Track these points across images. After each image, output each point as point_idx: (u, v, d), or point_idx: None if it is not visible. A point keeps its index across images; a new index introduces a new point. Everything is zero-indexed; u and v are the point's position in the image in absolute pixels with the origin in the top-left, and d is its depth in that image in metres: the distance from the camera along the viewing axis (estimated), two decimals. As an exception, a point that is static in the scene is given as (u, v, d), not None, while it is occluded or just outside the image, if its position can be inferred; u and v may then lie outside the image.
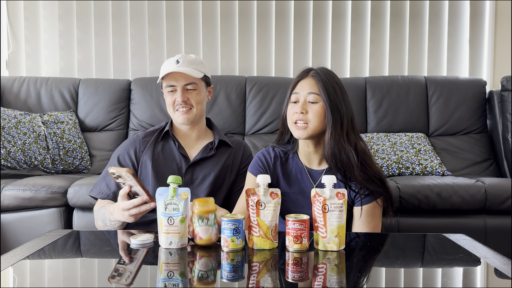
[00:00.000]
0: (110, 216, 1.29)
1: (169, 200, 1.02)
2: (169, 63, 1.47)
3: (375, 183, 1.25)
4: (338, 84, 1.27)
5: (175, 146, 1.49)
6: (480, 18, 2.80)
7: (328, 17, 2.83)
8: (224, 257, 0.97)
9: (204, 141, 1.54)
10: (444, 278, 0.89)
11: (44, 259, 0.99)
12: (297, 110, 1.24)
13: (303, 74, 1.30)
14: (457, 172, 2.38)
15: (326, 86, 1.24)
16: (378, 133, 2.45)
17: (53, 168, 2.31)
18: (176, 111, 1.47)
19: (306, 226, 1.00)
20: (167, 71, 1.44)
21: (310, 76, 1.27)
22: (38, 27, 2.82)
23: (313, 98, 1.24)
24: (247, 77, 2.63)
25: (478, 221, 1.90)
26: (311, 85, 1.25)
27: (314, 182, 1.30)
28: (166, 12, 2.82)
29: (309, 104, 1.24)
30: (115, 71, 2.84)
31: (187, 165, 1.46)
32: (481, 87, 2.59)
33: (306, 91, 1.25)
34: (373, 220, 1.27)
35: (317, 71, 1.28)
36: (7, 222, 1.89)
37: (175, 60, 1.45)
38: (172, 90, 1.46)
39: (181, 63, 1.44)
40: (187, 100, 1.45)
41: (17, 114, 2.36)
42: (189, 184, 1.45)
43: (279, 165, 1.33)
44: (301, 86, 1.27)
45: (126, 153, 1.49)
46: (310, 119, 1.23)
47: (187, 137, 1.53)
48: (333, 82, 1.26)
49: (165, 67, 1.48)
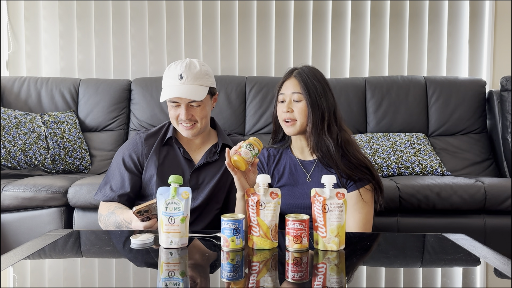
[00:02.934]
0: (128, 225, 1.31)
1: (170, 199, 1.02)
2: (172, 76, 1.39)
3: (361, 170, 1.33)
4: (320, 80, 1.37)
5: (180, 152, 1.49)
6: (480, 18, 2.80)
7: (328, 17, 2.83)
8: (224, 257, 0.97)
9: (208, 144, 1.53)
10: (443, 278, 0.89)
11: (44, 259, 0.99)
12: (284, 109, 1.36)
13: (287, 74, 1.40)
14: (456, 172, 2.38)
15: (307, 84, 1.34)
16: (378, 133, 2.45)
17: (54, 168, 2.31)
18: (179, 125, 1.44)
19: (306, 226, 1.00)
20: (170, 93, 1.38)
21: (293, 76, 1.38)
22: (38, 27, 2.82)
23: (297, 97, 1.35)
24: (247, 77, 2.63)
25: (477, 221, 1.90)
26: (294, 85, 1.36)
27: (308, 172, 1.40)
28: (166, 12, 2.82)
29: (294, 102, 1.35)
30: (115, 71, 2.84)
31: (191, 170, 1.47)
32: (480, 87, 2.59)
33: (290, 91, 1.36)
34: (365, 206, 1.32)
35: (299, 71, 1.38)
36: (7, 222, 1.89)
37: (179, 75, 1.38)
38: (175, 105, 1.42)
39: (184, 78, 1.37)
40: (191, 117, 1.41)
41: (18, 114, 2.36)
42: (195, 189, 1.45)
43: (273, 163, 1.45)
44: (286, 87, 1.38)
45: (129, 156, 1.49)
46: (296, 117, 1.35)
47: (191, 142, 1.52)
48: (313, 79, 1.36)
49: (167, 82, 1.41)
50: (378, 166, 2.27)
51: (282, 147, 1.46)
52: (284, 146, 1.46)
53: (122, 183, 1.46)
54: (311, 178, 1.38)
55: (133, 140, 1.53)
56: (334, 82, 2.60)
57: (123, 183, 1.46)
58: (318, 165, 1.38)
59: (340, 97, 2.55)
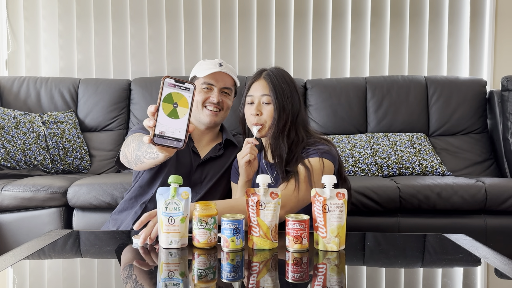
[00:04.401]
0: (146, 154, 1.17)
1: (169, 199, 1.01)
2: (211, 63, 1.47)
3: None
4: (288, 83, 1.34)
5: (190, 144, 1.50)
6: (480, 17, 2.80)
7: (328, 17, 2.83)
8: (224, 257, 0.97)
9: (215, 142, 1.56)
10: (444, 278, 0.88)
11: (44, 259, 0.98)
12: (252, 112, 1.33)
13: (257, 75, 1.36)
14: (457, 172, 2.38)
15: (275, 87, 1.31)
16: (378, 133, 2.45)
17: (53, 168, 2.31)
18: (204, 109, 1.47)
19: (306, 226, 1.00)
20: (212, 70, 1.44)
21: (262, 78, 1.34)
22: (37, 27, 2.82)
23: (266, 99, 1.32)
24: (247, 77, 2.63)
25: (478, 221, 1.90)
26: (263, 87, 1.32)
27: (274, 173, 1.35)
28: (166, 12, 2.82)
29: (263, 105, 1.32)
30: (115, 71, 2.84)
31: (197, 164, 1.48)
32: (481, 87, 2.58)
33: (260, 93, 1.33)
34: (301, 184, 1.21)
35: (269, 72, 1.34)
36: (7, 222, 1.89)
37: (218, 63, 1.46)
38: (208, 88, 1.46)
39: (224, 66, 1.47)
40: (221, 102, 1.47)
41: (17, 114, 2.36)
42: (198, 183, 1.46)
43: None
44: (255, 88, 1.34)
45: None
46: (265, 119, 1.32)
47: (201, 138, 1.54)
48: (282, 82, 1.33)
49: (205, 67, 1.47)
50: (378, 166, 2.26)
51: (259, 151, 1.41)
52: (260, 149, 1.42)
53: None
54: (274, 180, 1.34)
55: None
56: (334, 82, 2.60)
57: None
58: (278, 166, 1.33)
59: (341, 97, 2.55)
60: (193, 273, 0.89)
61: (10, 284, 0.83)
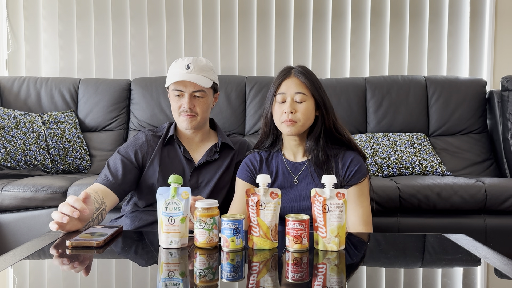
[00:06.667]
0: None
1: (170, 199, 1.01)
2: (179, 66, 1.44)
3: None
4: (318, 81, 1.35)
5: (180, 151, 1.49)
6: (480, 18, 2.80)
7: (328, 17, 2.83)
8: (224, 257, 0.97)
9: (208, 144, 1.54)
10: (444, 279, 0.88)
11: (44, 259, 0.98)
12: (286, 110, 1.29)
13: (286, 73, 1.34)
14: (457, 172, 2.38)
15: (313, 84, 1.31)
16: (378, 133, 2.45)
17: (53, 168, 2.31)
18: (180, 116, 1.46)
19: (306, 226, 1.00)
20: (177, 77, 1.41)
21: (294, 76, 1.32)
22: (38, 27, 2.82)
23: (300, 97, 1.30)
24: (247, 77, 2.63)
25: (478, 221, 1.90)
26: (296, 85, 1.31)
27: (297, 174, 1.36)
28: (166, 12, 2.82)
29: (296, 103, 1.30)
30: (115, 71, 2.84)
31: (191, 169, 1.47)
32: (481, 87, 2.59)
33: (293, 91, 1.30)
34: (365, 200, 1.32)
35: (300, 70, 1.33)
36: (7, 222, 1.89)
37: (186, 65, 1.42)
38: (179, 94, 1.45)
39: (191, 68, 1.42)
40: (193, 108, 1.44)
41: (17, 114, 2.36)
42: (195, 188, 1.45)
43: (265, 166, 1.39)
44: (286, 86, 1.31)
45: (134, 153, 1.47)
46: (299, 118, 1.29)
47: (191, 140, 1.53)
48: (315, 79, 1.33)
49: (174, 71, 1.45)
50: (378, 166, 2.26)
51: (272, 150, 1.41)
52: (275, 149, 1.41)
53: (116, 171, 1.42)
54: (298, 180, 1.35)
55: (137, 138, 1.53)
56: (334, 82, 2.60)
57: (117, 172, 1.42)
58: (309, 166, 1.35)
59: (340, 97, 2.55)
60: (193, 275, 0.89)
61: (10, 284, 0.83)
